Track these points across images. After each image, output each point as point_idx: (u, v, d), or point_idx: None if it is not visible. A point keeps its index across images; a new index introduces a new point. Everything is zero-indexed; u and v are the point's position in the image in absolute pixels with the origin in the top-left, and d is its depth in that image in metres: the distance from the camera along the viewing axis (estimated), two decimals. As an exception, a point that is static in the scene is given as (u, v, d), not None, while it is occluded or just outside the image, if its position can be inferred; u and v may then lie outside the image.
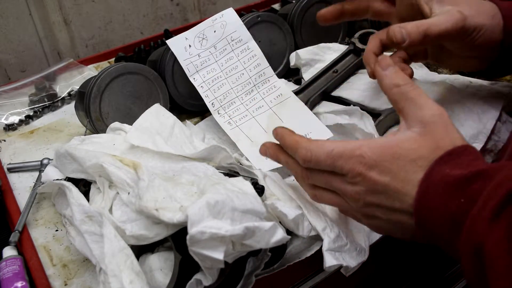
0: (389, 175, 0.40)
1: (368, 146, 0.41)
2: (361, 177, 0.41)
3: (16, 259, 0.55)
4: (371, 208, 0.43)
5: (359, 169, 0.41)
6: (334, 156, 0.42)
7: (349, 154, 0.41)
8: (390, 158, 0.40)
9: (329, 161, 0.43)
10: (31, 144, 0.76)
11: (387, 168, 0.40)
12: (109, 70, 0.69)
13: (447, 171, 0.38)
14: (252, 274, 0.49)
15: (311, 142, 0.44)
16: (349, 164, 0.41)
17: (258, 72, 0.76)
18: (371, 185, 0.41)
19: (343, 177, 0.43)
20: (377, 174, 0.41)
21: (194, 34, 0.73)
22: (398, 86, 0.44)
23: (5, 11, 0.94)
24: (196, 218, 0.41)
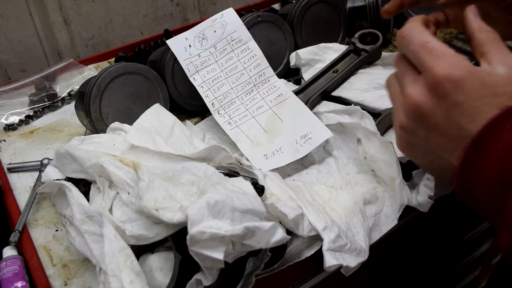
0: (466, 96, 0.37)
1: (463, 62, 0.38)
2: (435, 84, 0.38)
3: (16, 259, 0.55)
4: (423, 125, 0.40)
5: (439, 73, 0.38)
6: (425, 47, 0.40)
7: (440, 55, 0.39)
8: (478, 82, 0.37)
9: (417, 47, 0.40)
10: (31, 144, 0.76)
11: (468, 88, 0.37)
12: (109, 70, 0.69)
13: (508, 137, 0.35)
14: (252, 274, 0.49)
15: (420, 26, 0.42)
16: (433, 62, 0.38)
17: (258, 72, 0.76)
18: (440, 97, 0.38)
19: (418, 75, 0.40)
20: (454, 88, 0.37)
21: (194, 34, 0.73)
22: (487, 31, 0.42)
23: (5, 11, 0.94)
24: (196, 218, 0.41)
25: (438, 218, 0.80)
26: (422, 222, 0.73)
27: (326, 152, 0.70)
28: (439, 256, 0.93)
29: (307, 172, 0.67)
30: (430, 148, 0.40)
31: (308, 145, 0.67)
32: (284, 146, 0.68)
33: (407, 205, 0.59)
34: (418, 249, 0.83)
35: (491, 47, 0.41)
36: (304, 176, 0.66)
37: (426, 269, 0.92)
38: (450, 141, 0.38)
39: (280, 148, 0.68)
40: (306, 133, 0.68)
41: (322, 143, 0.67)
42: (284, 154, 0.67)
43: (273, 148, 0.68)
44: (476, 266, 1.08)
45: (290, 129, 0.70)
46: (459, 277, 1.06)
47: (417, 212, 0.62)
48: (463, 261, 1.02)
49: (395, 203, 0.60)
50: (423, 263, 0.90)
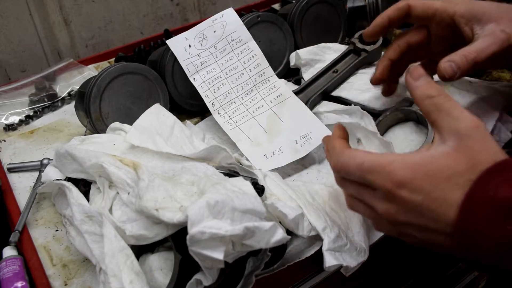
0: (421, 194, 0.38)
1: (400, 162, 0.39)
2: (391, 195, 0.39)
3: (16, 259, 0.55)
4: (404, 226, 0.41)
5: (389, 186, 0.39)
6: (364, 170, 0.41)
7: (379, 169, 0.40)
8: (423, 175, 0.38)
9: (358, 173, 0.41)
10: (31, 144, 0.76)
11: (419, 186, 0.38)
12: (109, 70, 0.69)
13: (491, 192, 0.35)
14: (252, 274, 0.49)
15: (343, 151, 0.43)
16: (379, 179, 0.40)
17: (258, 72, 0.76)
18: (402, 204, 0.39)
19: (374, 192, 0.41)
20: (408, 192, 0.38)
21: (194, 34, 0.73)
22: (431, 98, 0.42)
23: (5, 11, 0.94)
24: (196, 218, 0.41)
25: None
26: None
27: (326, 152, 0.70)
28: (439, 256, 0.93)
29: (307, 172, 0.67)
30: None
31: (308, 145, 0.67)
32: (284, 146, 0.68)
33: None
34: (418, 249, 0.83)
35: (439, 115, 0.41)
36: (304, 176, 0.66)
37: (426, 269, 0.92)
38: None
39: (280, 148, 0.68)
40: (306, 133, 0.68)
41: (322, 143, 0.67)
42: (284, 154, 0.67)
43: (273, 148, 0.68)
44: (476, 266, 1.08)
45: (290, 129, 0.70)
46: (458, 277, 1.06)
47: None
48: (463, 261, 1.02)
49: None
50: (423, 263, 0.90)
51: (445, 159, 0.38)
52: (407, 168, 0.39)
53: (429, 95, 0.42)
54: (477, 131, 0.39)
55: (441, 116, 0.40)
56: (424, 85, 0.43)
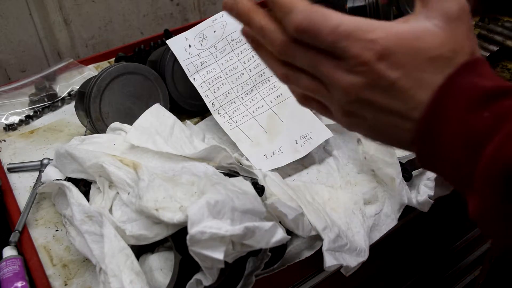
0: (400, 71, 0.34)
1: (384, 31, 0.34)
2: (366, 67, 0.34)
3: (16, 259, 0.55)
4: (361, 105, 0.36)
5: (367, 57, 0.34)
6: (340, 34, 0.34)
7: (359, 35, 0.34)
8: (408, 50, 0.34)
9: (331, 38, 0.34)
10: (31, 144, 0.76)
11: (401, 61, 0.34)
12: (109, 70, 0.69)
13: (474, 79, 0.33)
14: (252, 274, 0.49)
15: (312, 7, 0.35)
16: (356, 47, 0.34)
17: (258, 72, 0.76)
18: (375, 78, 0.34)
19: (339, 62, 0.35)
20: (387, 66, 0.34)
21: (194, 34, 0.73)
22: None
23: (5, 11, 0.94)
24: (196, 218, 0.41)
25: (438, 218, 0.80)
26: (422, 222, 0.73)
27: (326, 152, 0.70)
28: (439, 256, 0.93)
29: (307, 172, 0.67)
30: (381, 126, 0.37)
31: (308, 145, 0.67)
32: (284, 146, 0.68)
33: (407, 205, 0.59)
34: (418, 249, 0.83)
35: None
36: (304, 176, 0.66)
37: (426, 269, 0.92)
38: (399, 118, 0.35)
39: (280, 148, 0.68)
40: (306, 133, 0.68)
41: (322, 143, 0.67)
42: (284, 154, 0.67)
43: (273, 148, 0.68)
44: (476, 266, 1.08)
45: (290, 129, 0.70)
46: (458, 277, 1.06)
47: (417, 212, 0.62)
48: (462, 261, 1.02)
49: (395, 203, 0.60)
50: (423, 263, 0.90)
51: (433, 38, 0.34)
52: (392, 38, 0.34)
53: None
54: (466, 16, 0.35)
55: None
56: None
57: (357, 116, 0.37)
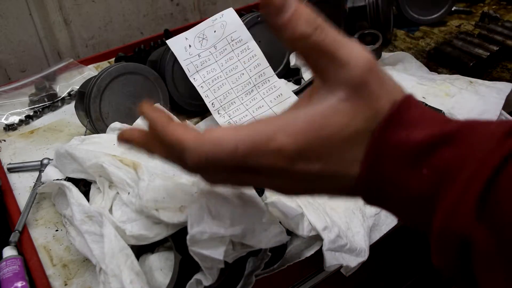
0: (320, 162, 0.32)
1: (286, 133, 0.31)
2: (286, 172, 0.32)
3: (16, 259, 0.55)
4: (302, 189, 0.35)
5: (280, 165, 0.32)
6: (240, 155, 0.32)
7: (262, 149, 0.31)
8: (318, 142, 0.31)
9: (234, 162, 0.32)
10: (31, 144, 0.76)
11: (315, 154, 0.32)
12: (109, 70, 0.69)
13: (402, 133, 0.30)
14: (252, 274, 0.49)
15: (202, 139, 0.32)
16: (264, 160, 0.32)
17: (258, 72, 0.76)
18: (301, 176, 0.33)
19: (258, 174, 0.33)
20: (304, 164, 0.32)
21: (194, 34, 0.73)
22: (305, 37, 0.31)
23: (5, 11, 0.94)
24: (196, 218, 0.41)
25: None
26: (422, 222, 0.73)
27: (326, 152, 0.70)
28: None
29: (307, 172, 0.67)
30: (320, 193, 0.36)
31: (308, 145, 0.67)
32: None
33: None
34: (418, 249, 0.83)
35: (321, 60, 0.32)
36: (304, 176, 0.66)
37: (426, 269, 0.92)
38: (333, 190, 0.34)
39: (280, 148, 0.68)
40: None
41: None
42: (284, 154, 0.67)
43: (273, 148, 0.68)
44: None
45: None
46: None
47: (417, 212, 0.62)
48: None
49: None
50: (423, 263, 0.90)
51: (340, 116, 0.31)
52: (297, 137, 0.31)
53: (302, 35, 0.31)
54: (370, 73, 0.31)
55: (324, 60, 0.31)
56: (292, 19, 0.31)
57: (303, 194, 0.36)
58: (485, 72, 0.84)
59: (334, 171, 0.32)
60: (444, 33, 0.97)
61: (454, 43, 0.89)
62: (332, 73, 0.31)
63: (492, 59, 0.85)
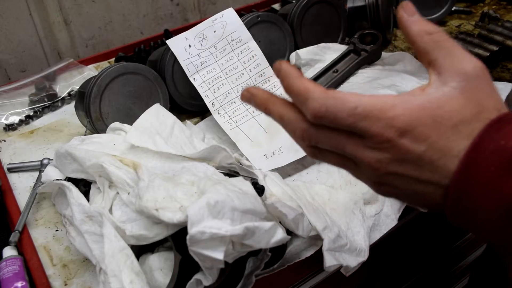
0: (425, 143, 0.33)
1: (403, 106, 0.33)
2: (390, 144, 0.34)
3: (16, 259, 0.55)
4: (392, 177, 0.36)
5: (389, 135, 0.33)
6: (358, 115, 0.34)
7: (378, 115, 0.33)
8: (430, 122, 0.33)
9: (350, 120, 0.34)
10: (31, 144, 0.76)
11: (424, 134, 0.33)
12: (109, 70, 0.69)
13: (502, 142, 0.31)
14: (252, 274, 0.48)
15: (327, 93, 0.35)
16: (377, 127, 0.34)
17: (258, 72, 0.76)
18: (401, 154, 0.34)
19: (363, 140, 0.35)
20: (411, 141, 0.33)
21: (194, 34, 0.73)
22: (430, 34, 0.36)
23: (5, 11, 0.94)
24: (196, 218, 0.41)
25: (439, 218, 0.80)
26: (422, 222, 0.73)
27: (326, 152, 0.70)
28: (439, 256, 0.93)
29: (307, 172, 0.67)
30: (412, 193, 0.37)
31: (308, 145, 0.67)
32: (284, 146, 0.68)
33: (407, 205, 0.59)
34: (418, 249, 0.83)
35: (440, 53, 0.35)
36: (304, 176, 0.66)
37: (426, 269, 0.92)
38: (429, 187, 0.35)
39: (280, 148, 0.68)
40: (306, 133, 0.68)
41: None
42: (284, 154, 0.67)
43: (273, 148, 0.68)
44: (476, 266, 1.08)
45: (290, 129, 0.70)
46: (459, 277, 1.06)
47: (417, 212, 0.62)
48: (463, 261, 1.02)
49: (395, 203, 0.60)
50: (423, 263, 0.90)
51: (453, 103, 0.33)
52: (412, 113, 0.33)
53: (428, 31, 0.36)
54: (483, 72, 0.34)
55: (442, 54, 0.35)
56: (421, 21, 0.37)
57: (388, 185, 0.37)
58: (485, 72, 0.84)
59: (435, 158, 0.33)
60: (444, 33, 0.97)
61: (454, 43, 0.89)
62: (449, 65, 0.34)
63: (492, 59, 0.85)
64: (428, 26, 0.37)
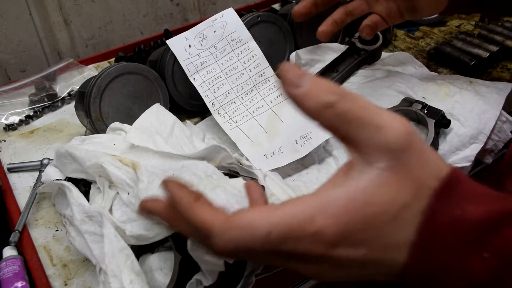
0: (364, 247, 0.28)
1: (325, 214, 0.28)
2: (323, 258, 0.29)
3: (16, 259, 0.55)
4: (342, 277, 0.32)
5: (319, 251, 0.28)
6: (275, 241, 0.29)
7: (298, 234, 0.28)
8: (361, 224, 0.28)
9: (267, 247, 0.29)
10: (31, 144, 0.76)
11: (359, 237, 0.28)
12: (109, 70, 0.69)
13: (457, 212, 0.27)
14: (252, 274, 0.48)
15: (230, 224, 0.30)
16: (301, 246, 0.28)
17: (258, 72, 0.76)
18: (339, 262, 0.29)
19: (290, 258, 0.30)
20: (346, 249, 0.28)
21: (194, 34, 0.73)
22: (330, 106, 0.29)
23: (5, 11, 0.94)
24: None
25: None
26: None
27: (326, 152, 0.70)
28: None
29: (307, 172, 0.67)
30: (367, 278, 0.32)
31: (308, 145, 0.67)
32: (284, 146, 0.68)
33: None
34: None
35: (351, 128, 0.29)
36: (304, 176, 0.66)
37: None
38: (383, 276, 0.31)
39: (280, 148, 0.68)
40: (306, 133, 0.68)
41: (322, 143, 0.67)
42: (284, 154, 0.67)
43: (273, 148, 0.68)
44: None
45: (290, 129, 0.70)
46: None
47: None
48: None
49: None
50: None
51: (384, 190, 0.27)
52: (338, 219, 0.28)
53: (327, 103, 0.29)
54: (410, 138, 0.28)
55: (355, 128, 0.28)
56: (313, 90, 0.30)
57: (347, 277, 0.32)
58: (485, 72, 0.84)
59: (380, 257, 0.29)
60: (444, 33, 0.97)
61: (454, 43, 0.89)
62: (367, 141, 0.28)
63: (492, 59, 0.85)
64: (326, 95, 0.29)
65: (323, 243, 0.28)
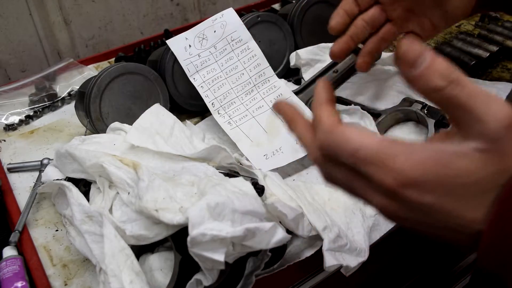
0: (433, 195, 0.31)
1: (407, 158, 0.31)
2: (394, 193, 0.32)
3: (16, 259, 0.55)
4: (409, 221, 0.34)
5: (392, 185, 0.31)
6: (359, 159, 0.32)
7: (378, 163, 0.31)
8: (436, 177, 0.30)
9: (351, 160, 0.33)
10: (31, 144, 0.76)
11: (429, 187, 0.31)
12: (109, 70, 0.69)
13: None
14: (252, 274, 0.49)
15: (334, 128, 0.34)
16: (378, 174, 0.32)
17: (258, 72, 0.76)
18: (407, 203, 0.32)
19: (369, 183, 0.33)
20: (415, 192, 0.31)
21: (194, 34, 0.73)
22: (439, 90, 0.31)
23: (5, 11, 0.94)
24: (197, 220, 0.41)
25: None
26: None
27: (326, 152, 0.70)
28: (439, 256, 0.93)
29: (307, 172, 0.67)
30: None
31: (308, 145, 0.67)
32: (284, 146, 0.68)
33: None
34: (418, 249, 0.84)
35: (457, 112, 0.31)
36: (304, 176, 0.66)
37: (427, 269, 0.92)
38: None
39: (280, 148, 0.68)
40: (306, 133, 0.68)
41: None
42: (284, 154, 0.67)
43: (273, 148, 0.68)
44: (476, 266, 1.08)
45: (290, 129, 0.70)
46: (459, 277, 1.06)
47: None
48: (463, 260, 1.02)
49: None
50: (423, 263, 0.90)
51: (467, 161, 0.30)
52: (417, 166, 0.31)
53: (435, 88, 0.31)
54: (508, 131, 0.30)
55: (459, 113, 0.31)
56: (425, 73, 0.31)
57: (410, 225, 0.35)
58: (485, 72, 0.84)
59: (450, 208, 0.31)
60: (444, 33, 0.97)
61: (454, 43, 0.89)
62: (468, 125, 0.31)
63: (492, 59, 0.85)
64: (436, 79, 0.31)
65: (395, 181, 0.31)
